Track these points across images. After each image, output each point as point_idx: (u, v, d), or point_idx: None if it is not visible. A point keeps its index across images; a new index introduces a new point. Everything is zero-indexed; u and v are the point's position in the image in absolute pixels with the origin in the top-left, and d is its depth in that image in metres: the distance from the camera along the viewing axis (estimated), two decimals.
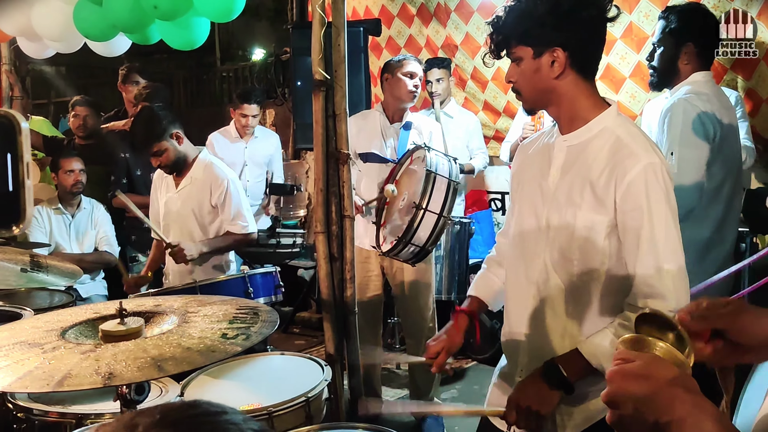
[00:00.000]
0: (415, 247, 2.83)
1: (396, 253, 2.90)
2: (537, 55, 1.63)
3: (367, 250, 3.57)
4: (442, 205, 2.74)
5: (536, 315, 1.75)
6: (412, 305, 3.64)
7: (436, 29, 5.16)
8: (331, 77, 2.78)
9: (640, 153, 1.58)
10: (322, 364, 2.46)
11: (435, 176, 2.76)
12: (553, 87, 1.65)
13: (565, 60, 1.62)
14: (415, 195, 2.85)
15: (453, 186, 2.80)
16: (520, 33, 1.63)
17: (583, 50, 1.64)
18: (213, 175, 3.31)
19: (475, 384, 4.18)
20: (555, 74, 1.63)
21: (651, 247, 1.56)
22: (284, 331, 5.46)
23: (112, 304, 1.53)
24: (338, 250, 2.88)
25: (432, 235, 2.77)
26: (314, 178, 2.90)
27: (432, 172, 2.75)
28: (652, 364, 0.82)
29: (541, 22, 1.60)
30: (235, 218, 3.31)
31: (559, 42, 1.60)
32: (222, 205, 3.29)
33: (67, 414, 2.08)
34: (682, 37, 2.64)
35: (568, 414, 1.71)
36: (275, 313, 1.57)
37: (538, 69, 1.64)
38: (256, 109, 4.90)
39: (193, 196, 3.31)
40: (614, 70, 4.29)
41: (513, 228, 1.85)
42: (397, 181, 3.06)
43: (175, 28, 3.91)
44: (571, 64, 1.62)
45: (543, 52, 1.62)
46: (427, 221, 2.74)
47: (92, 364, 1.25)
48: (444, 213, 2.74)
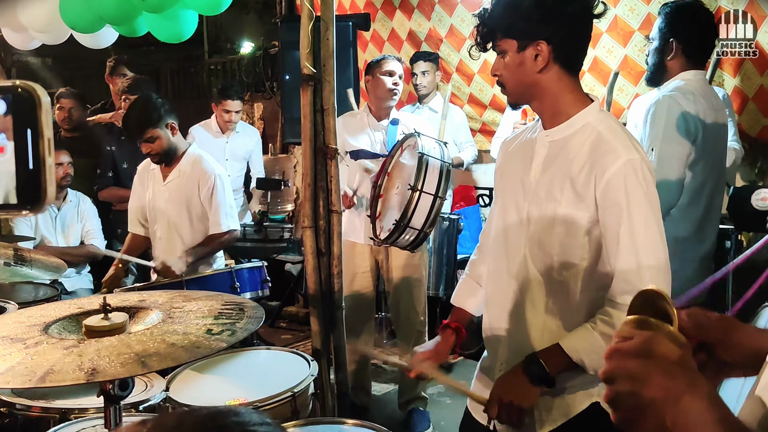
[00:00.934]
0: (413, 231, 2.81)
1: (394, 240, 2.87)
2: (521, 49, 1.63)
3: (362, 245, 3.57)
4: (437, 186, 2.73)
5: (516, 309, 1.75)
6: (405, 300, 3.63)
7: (419, 22, 5.14)
8: (320, 72, 2.77)
9: (620, 150, 1.58)
10: (309, 359, 2.45)
11: (427, 159, 2.75)
12: (537, 81, 1.65)
13: (548, 54, 1.61)
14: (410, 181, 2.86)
15: (446, 168, 2.80)
16: (505, 26, 1.63)
17: (567, 45, 1.63)
18: (201, 169, 3.29)
19: (461, 379, 4.16)
20: (538, 68, 1.63)
21: (630, 244, 1.56)
22: (271, 325, 5.45)
23: (96, 299, 1.52)
24: (326, 244, 2.88)
25: (429, 218, 2.75)
26: (302, 172, 2.89)
27: (424, 155, 2.74)
28: (651, 342, 0.81)
29: (526, 16, 1.59)
30: (219, 215, 3.29)
31: (544, 36, 1.60)
32: (208, 201, 3.28)
33: (50, 409, 2.06)
34: (668, 34, 2.64)
35: (547, 409, 1.72)
36: (261, 308, 1.57)
37: (522, 62, 1.63)
38: (238, 105, 4.89)
39: (181, 190, 3.29)
40: (602, 64, 4.30)
41: (495, 222, 1.86)
42: (389, 173, 3.05)
43: (162, 21, 3.88)
44: (554, 58, 1.62)
45: (527, 46, 1.62)
46: (423, 203, 2.72)
47: (75, 360, 1.24)
48: (439, 194, 2.73)
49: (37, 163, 0.74)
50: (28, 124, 0.74)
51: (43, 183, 0.74)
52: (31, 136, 0.74)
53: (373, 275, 3.70)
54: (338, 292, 2.89)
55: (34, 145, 0.74)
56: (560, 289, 1.68)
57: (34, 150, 0.74)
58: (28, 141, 0.74)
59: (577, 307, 1.67)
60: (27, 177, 0.74)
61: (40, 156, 0.74)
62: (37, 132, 0.74)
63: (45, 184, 0.74)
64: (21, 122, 0.74)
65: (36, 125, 0.74)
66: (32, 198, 0.74)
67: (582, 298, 1.67)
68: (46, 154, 0.74)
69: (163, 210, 3.33)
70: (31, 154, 0.74)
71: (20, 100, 0.74)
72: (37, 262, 2.28)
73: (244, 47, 8.40)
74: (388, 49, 5.38)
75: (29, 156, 0.74)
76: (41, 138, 0.73)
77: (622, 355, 0.82)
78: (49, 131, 0.74)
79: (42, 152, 0.74)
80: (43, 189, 0.74)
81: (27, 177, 0.74)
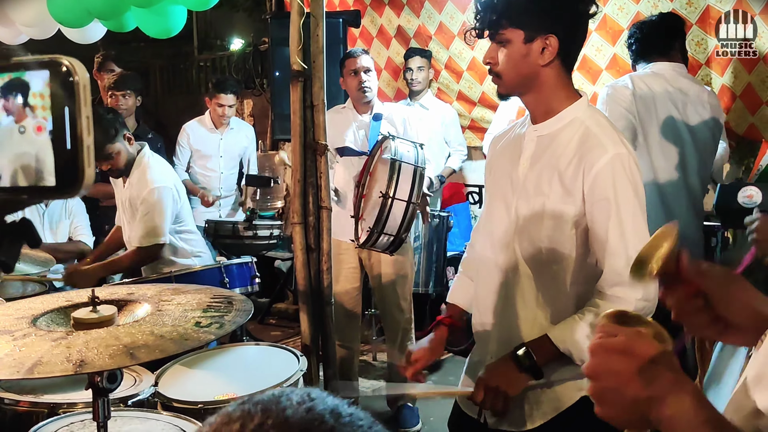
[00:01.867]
0: (389, 236, 2.84)
1: (372, 244, 2.91)
2: (528, 40, 1.62)
3: (347, 243, 3.57)
4: (410, 191, 2.75)
5: (506, 303, 1.77)
6: (391, 297, 3.64)
7: (408, 18, 5.13)
8: (309, 68, 2.77)
9: (607, 144, 1.60)
10: (298, 355, 2.46)
11: (400, 164, 2.77)
12: (538, 74, 1.65)
13: (556, 48, 1.62)
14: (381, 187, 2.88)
15: (419, 172, 2.81)
16: (515, 15, 1.62)
17: (573, 41, 1.65)
18: (143, 180, 3.21)
19: (451, 375, 4.21)
20: (545, 61, 1.63)
21: (619, 237, 1.58)
22: (261, 322, 5.45)
23: (85, 292, 1.52)
24: (315, 241, 2.88)
25: (403, 223, 2.78)
26: (291, 169, 2.89)
27: (396, 161, 2.75)
28: (635, 340, 0.82)
29: (539, 7, 1.60)
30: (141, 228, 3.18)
31: (554, 30, 1.61)
32: (138, 211, 3.20)
33: (39, 403, 2.05)
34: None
35: (537, 403, 1.73)
36: (249, 302, 1.57)
37: (528, 54, 1.63)
38: (233, 99, 4.86)
39: (132, 201, 3.25)
40: (590, 62, 4.32)
41: (485, 217, 1.87)
42: (371, 172, 3.06)
43: (151, 16, 3.86)
44: (560, 52, 1.63)
45: (535, 38, 1.62)
46: (396, 209, 2.75)
47: (63, 352, 1.24)
48: (412, 200, 2.75)
49: (74, 144, 0.69)
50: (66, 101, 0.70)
51: (81, 165, 0.70)
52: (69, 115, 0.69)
53: (360, 273, 3.70)
54: (327, 288, 2.89)
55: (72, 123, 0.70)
56: (550, 283, 1.70)
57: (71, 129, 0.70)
58: (65, 119, 0.70)
59: (567, 300, 1.69)
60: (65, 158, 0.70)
61: (78, 136, 0.69)
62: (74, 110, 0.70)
63: (83, 165, 0.70)
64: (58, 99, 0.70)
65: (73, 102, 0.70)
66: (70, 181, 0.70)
67: (572, 291, 1.68)
68: (84, 133, 0.70)
69: (129, 218, 3.32)
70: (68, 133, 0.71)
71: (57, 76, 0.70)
72: (24, 257, 2.27)
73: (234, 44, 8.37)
74: (377, 46, 5.38)
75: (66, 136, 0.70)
76: (79, 116, 0.69)
77: (606, 351, 0.82)
78: (87, 109, 0.70)
79: (80, 132, 0.69)
80: (81, 171, 0.70)
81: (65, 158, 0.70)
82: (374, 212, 2.93)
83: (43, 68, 0.71)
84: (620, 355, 0.81)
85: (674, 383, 0.79)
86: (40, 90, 0.71)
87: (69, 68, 0.70)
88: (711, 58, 3.87)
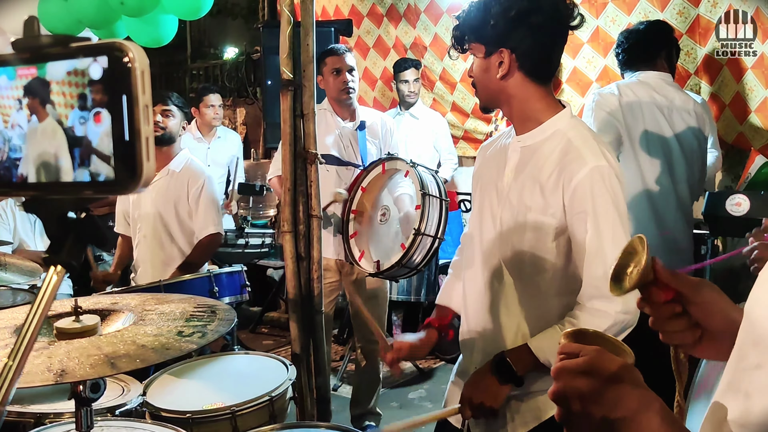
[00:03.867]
0: (408, 270, 2.74)
1: (388, 276, 2.82)
2: (487, 55, 1.65)
3: (327, 259, 3.32)
4: (437, 226, 2.64)
5: (491, 313, 1.77)
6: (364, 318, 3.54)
7: (405, 30, 5.18)
8: (300, 77, 2.78)
9: (587, 156, 1.60)
10: (287, 364, 2.46)
11: (430, 197, 2.62)
12: (501, 87, 1.67)
13: (510, 62, 1.63)
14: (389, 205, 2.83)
15: (445, 205, 2.68)
16: (475, 30, 1.66)
17: (531, 54, 1.63)
18: (191, 169, 3.30)
19: (442, 384, 4.20)
20: (500, 75, 1.65)
21: (597, 249, 1.58)
22: (253, 330, 5.44)
23: (69, 302, 1.51)
24: (305, 249, 2.87)
25: (426, 257, 2.68)
26: (282, 177, 2.89)
27: (427, 194, 2.60)
28: (597, 359, 0.81)
29: (493, 22, 1.61)
30: (207, 219, 3.29)
31: (507, 44, 1.62)
32: (196, 202, 3.28)
33: (25, 414, 2.04)
34: None
35: (518, 412, 1.74)
36: (233, 311, 1.57)
37: (488, 68, 1.66)
38: (219, 98, 5.01)
39: (170, 189, 3.28)
40: (581, 74, 4.34)
41: (471, 227, 1.88)
42: (364, 188, 2.96)
43: (142, 25, 3.87)
44: (519, 66, 1.64)
45: (492, 52, 1.64)
46: (423, 245, 2.64)
47: (45, 361, 1.23)
48: (438, 235, 2.65)
49: (132, 135, 0.64)
50: (123, 89, 0.64)
51: (139, 158, 0.64)
52: (126, 104, 0.64)
53: (338, 291, 3.58)
54: (318, 297, 2.88)
55: (130, 113, 0.64)
56: (533, 293, 1.70)
57: (129, 119, 0.64)
58: (123, 109, 0.64)
59: (551, 310, 1.69)
60: (123, 151, 0.64)
61: (135, 127, 0.64)
62: (132, 98, 0.64)
63: (141, 159, 0.64)
64: (115, 87, 0.65)
65: (130, 90, 0.64)
66: (128, 175, 0.65)
67: (555, 302, 1.69)
68: (141, 124, 0.64)
69: (148, 210, 3.31)
70: (126, 123, 0.64)
71: (115, 63, 0.65)
72: (12, 267, 2.26)
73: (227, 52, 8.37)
74: (373, 56, 5.41)
75: (125, 127, 0.64)
76: (136, 105, 0.64)
77: (569, 373, 0.81)
78: (146, 97, 0.65)
79: (137, 122, 0.64)
80: (139, 165, 0.64)
81: (123, 151, 0.64)
82: (376, 236, 2.86)
83: (100, 54, 0.66)
84: (583, 375, 0.80)
85: (641, 402, 0.78)
86: (99, 77, 0.66)
87: (126, 52, 0.65)
88: (699, 68, 3.89)
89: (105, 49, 0.66)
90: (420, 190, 2.60)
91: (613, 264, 0.98)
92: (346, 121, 3.44)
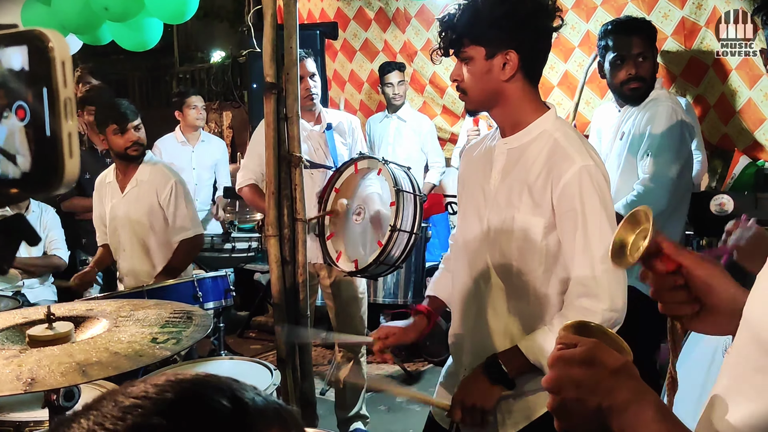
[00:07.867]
0: (386, 267, 2.75)
1: (365, 274, 2.82)
2: (489, 57, 1.64)
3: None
4: (413, 221, 2.66)
5: (479, 315, 1.77)
6: (347, 319, 3.51)
7: (394, 34, 5.17)
8: (282, 80, 2.76)
9: (575, 156, 1.61)
10: (272, 369, 2.44)
11: (403, 193, 2.65)
12: (502, 89, 1.67)
13: (517, 63, 1.63)
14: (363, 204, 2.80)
15: (419, 200, 2.70)
16: (475, 33, 1.64)
17: (534, 56, 1.67)
18: (159, 175, 3.28)
19: (430, 386, 4.18)
20: (506, 76, 1.65)
21: (585, 248, 1.59)
22: (240, 335, 5.41)
23: (42, 309, 1.49)
24: (290, 253, 2.85)
25: (404, 253, 2.70)
26: (266, 181, 2.87)
27: (401, 190, 2.63)
28: (595, 350, 0.81)
29: (498, 24, 1.61)
30: (184, 222, 3.27)
31: (514, 45, 1.62)
32: (167, 206, 3.26)
33: (4, 422, 2.01)
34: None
35: (508, 412, 1.74)
36: (209, 316, 1.55)
37: (490, 70, 1.65)
38: (201, 99, 5.06)
39: (141, 199, 3.26)
40: (572, 77, 4.35)
41: (458, 230, 1.89)
42: (338, 189, 2.97)
43: (126, 30, 3.85)
44: (521, 67, 1.65)
45: (496, 54, 1.64)
46: (399, 240, 2.66)
47: (14, 370, 1.21)
48: (415, 230, 2.67)
49: (53, 130, 0.59)
50: (44, 80, 0.59)
51: (60, 155, 0.59)
52: (47, 97, 0.59)
53: (317, 293, 3.54)
54: (303, 301, 2.87)
55: (51, 106, 0.59)
56: (521, 294, 1.70)
57: (51, 113, 0.59)
58: (44, 102, 0.59)
59: (539, 311, 1.70)
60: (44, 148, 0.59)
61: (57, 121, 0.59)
62: (52, 91, 0.59)
63: (62, 156, 0.59)
64: (35, 78, 0.59)
65: (50, 83, 0.59)
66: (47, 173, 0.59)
67: (543, 302, 1.69)
68: (62, 118, 0.59)
69: (124, 222, 3.30)
70: (47, 117, 0.59)
71: (35, 53, 0.60)
72: None
73: (214, 56, 8.35)
74: (359, 59, 5.40)
75: (46, 121, 0.59)
76: (57, 98, 0.59)
77: (566, 362, 0.81)
78: (67, 90, 0.59)
79: (59, 117, 0.59)
80: (60, 162, 0.59)
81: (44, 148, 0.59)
82: (353, 236, 2.85)
83: (20, 42, 0.62)
84: (580, 365, 0.80)
85: (636, 393, 0.78)
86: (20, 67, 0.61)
87: (45, 41, 0.60)
88: (686, 69, 3.90)
89: (24, 37, 0.62)
90: (393, 186, 2.62)
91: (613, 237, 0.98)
92: (311, 124, 3.43)
